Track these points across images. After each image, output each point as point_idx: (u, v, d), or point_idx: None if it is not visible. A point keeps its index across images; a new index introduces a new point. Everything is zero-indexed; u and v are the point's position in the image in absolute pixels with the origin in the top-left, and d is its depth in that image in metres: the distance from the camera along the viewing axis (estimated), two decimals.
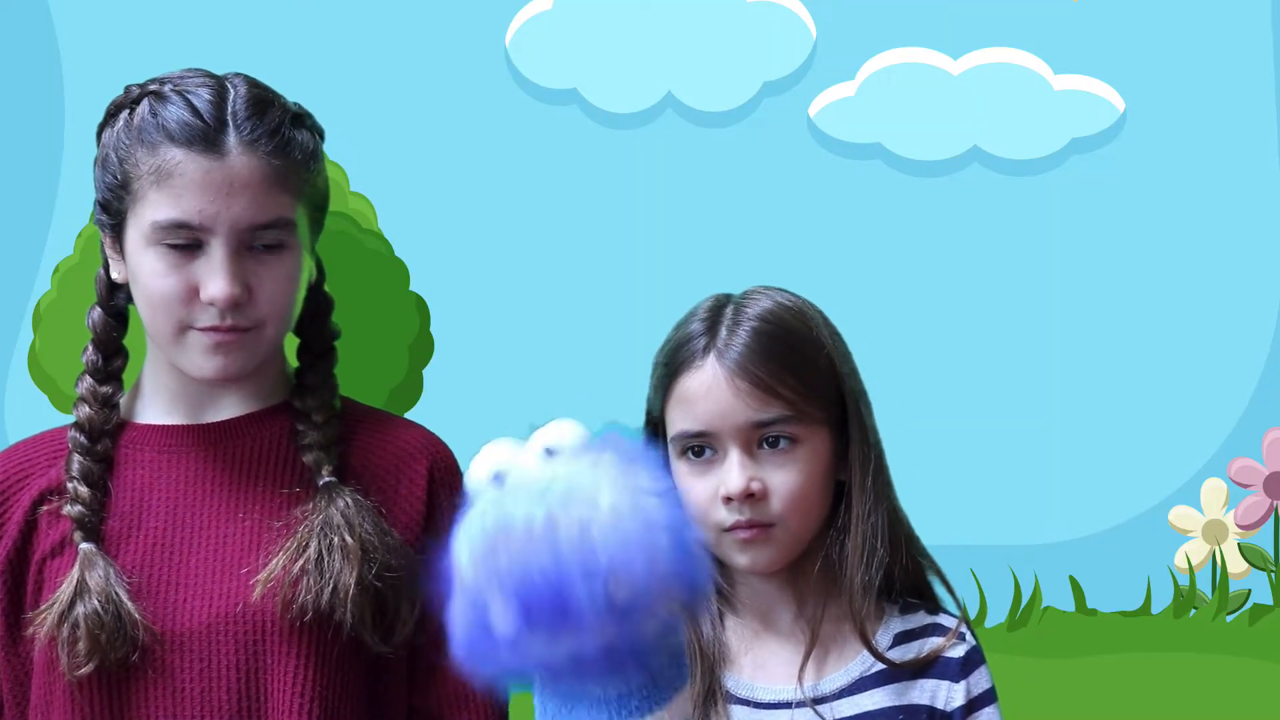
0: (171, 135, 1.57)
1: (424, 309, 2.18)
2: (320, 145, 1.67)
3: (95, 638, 1.54)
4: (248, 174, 1.57)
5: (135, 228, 1.59)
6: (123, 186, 1.59)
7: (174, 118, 1.58)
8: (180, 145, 1.57)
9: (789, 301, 1.65)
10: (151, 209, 1.57)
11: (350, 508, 1.60)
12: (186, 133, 1.57)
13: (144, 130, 1.59)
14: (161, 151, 1.57)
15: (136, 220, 1.58)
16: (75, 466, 1.62)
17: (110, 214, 1.62)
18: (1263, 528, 2.59)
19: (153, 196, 1.57)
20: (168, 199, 1.56)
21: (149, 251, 1.58)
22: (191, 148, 1.56)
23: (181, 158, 1.56)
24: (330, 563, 1.57)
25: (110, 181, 1.60)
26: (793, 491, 1.59)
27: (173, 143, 1.57)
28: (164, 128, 1.57)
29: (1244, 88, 2.60)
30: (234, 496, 1.63)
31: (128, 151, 1.59)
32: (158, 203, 1.56)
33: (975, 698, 1.63)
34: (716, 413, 1.59)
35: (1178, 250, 2.59)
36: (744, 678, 1.62)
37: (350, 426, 1.68)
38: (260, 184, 1.58)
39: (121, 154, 1.59)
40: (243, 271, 1.57)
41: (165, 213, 1.56)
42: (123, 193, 1.59)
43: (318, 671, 1.58)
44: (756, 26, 2.59)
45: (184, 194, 1.56)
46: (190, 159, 1.56)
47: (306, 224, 1.63)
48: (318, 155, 1.65)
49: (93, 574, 1.56)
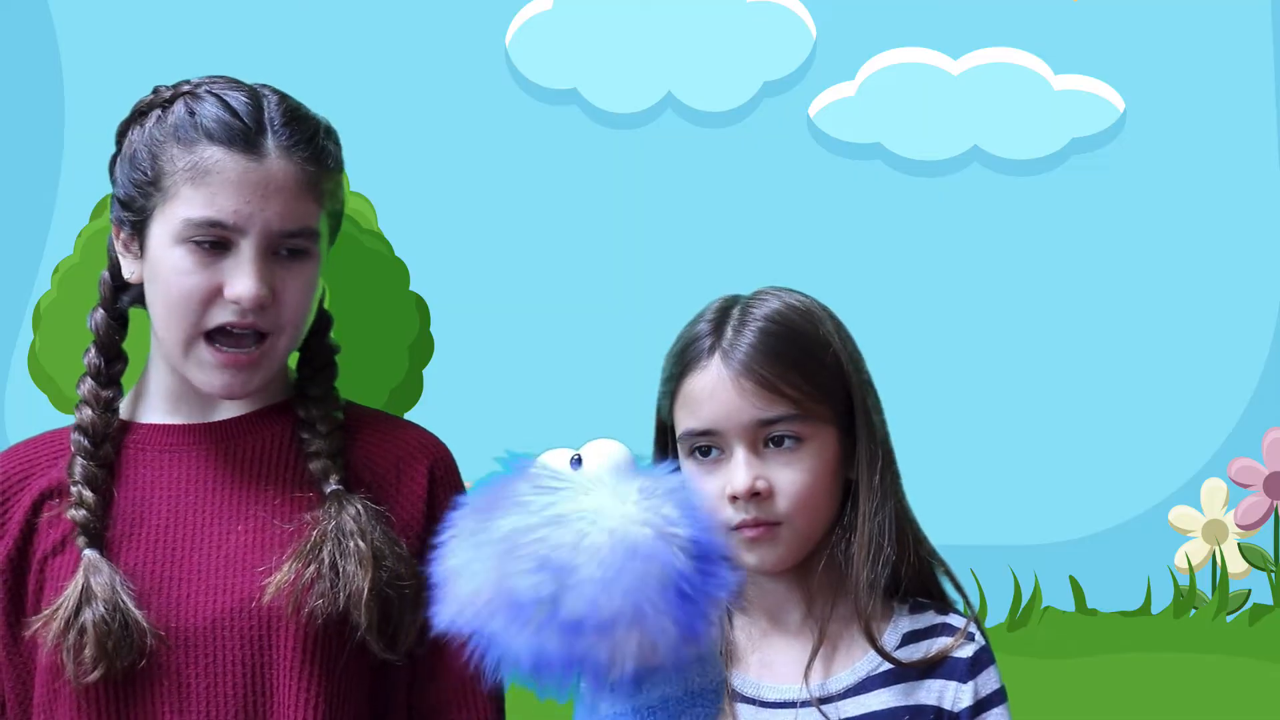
0: (210, 134, 1.58)
1: (424, 309, 2.18)
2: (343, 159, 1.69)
3: (102, 644, 1.54)
4: (283, 178, 1.59)
5: (163, 224, 1.59)
6: (152, 183, 1.59)
7: (212, 117, 1.59)
8: (219, 144, 1.58)
9: (797, 302, 1.65)
10: (185, 205, 1.57)
11: (361, 515, 1.60)
12: (226, 132, 1.58)
13: (180, 128, 1.59)
14: (199, 149, 1.58)
15: (165, 216, 1.59)
16: (78, 470, 1.63)
17: (133, 210, 1.62)
18: (1263, 528, 2.59)
19: (187, 193, 1.57)
20: (203, 196, 1.57)
21: (176, 248, 1.58)
22: (231, 147, 1.58)
23: (221, 156, 1.57)
24: (345, 568, 1.57)
25: (138, 177, 1.61)
26: (799, 490, 1.59)
27: (211, 141, 1.58)
28: (202, 126, 1.59)
29: (1244, 88, 2.60)
30: (237, 495, 1.63)
31: (161, 148, 1.60)
32: (192, 199, 1.57)
33: (983, 698, 1.63)
34: (722, 412, 1.59)
35: (1177, 250, 2.59)
36: (750, 676, 1.62)
37: (351, 429, 1.69)
38: (294, 190, 1.59)
39: (155, 150, 1.60)
40: (269, 274, 1.58)
41: (200, 209, 1.57)
42: (151, 189, 1.60)
43: (324, 668, 1.58)
44: (756, 26, 2.59)
45: (220, 192, 1.57)
46: (230, 158, 1.57)
47: (327, 235, 1.65)
48: (342, 168, 1.68)
49: (98, 579, 1.56)
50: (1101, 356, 2.59)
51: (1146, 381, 2.59)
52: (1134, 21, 2.60)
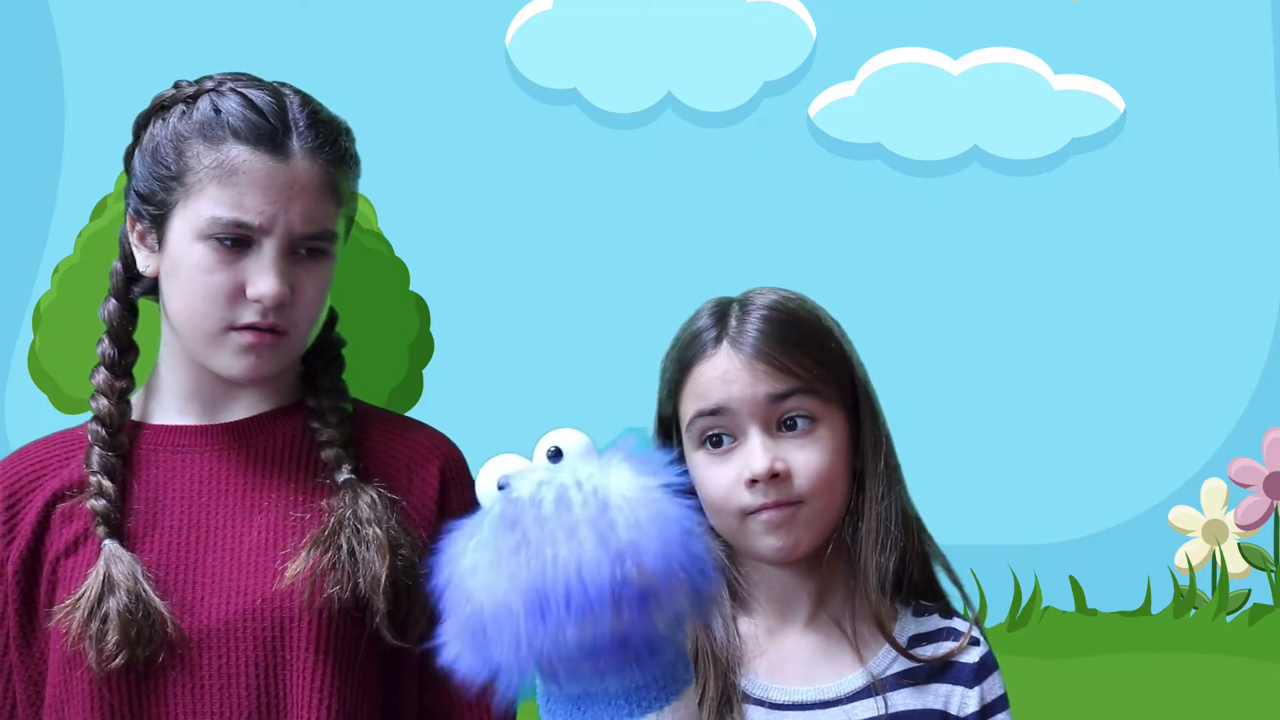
0: (237, 132, 1.59)
1: (424, 309, 2.18)
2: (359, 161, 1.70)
3: (126, 632, 1.54)
4: (307, 179, 1.60)
5: (185, 220, 1.59)
6: (175, 179, 1.60)
7: (239, 115, 1.59)
8: (246, 143, 1.58)
9: (792, 295, 1.66)
10: (210, 203, 1.58)
11: (376, 503, 1.61)
12: (253, 131, 1.59)
13: (206, 125, 1.60)
14: (225, 147, 1.58)
15: (188, 213, 1.59)
16: (96, 460, 1.63)
17: (153, 204, 1.62)
18: (1263, 528, 2.60)
19: (212, 191, 1.58)
20: (229, 195, 1.58)
21: (198, 245, 1.59)
22: (258, 146, 1.58)
23: (248, 155, 1.58)
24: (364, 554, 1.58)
25: (161, 173, 1.61)
26: (816, 470, 1.59)
27: (238, 139, 1.59)
28: (229, 124, 1.59)
29: (1244, 88, 2.60)
30: (250, 495, 1.63)
31: (186, 144, 1.60)
32: (218, 197, 1.58)
33: (988, 704, 1.63)
34: (735, 393, 1.59)
35: (1177, 250, 2.59)
36: (759, 678, 1.62)
37: (361, 427, 1.69)
38: (317, 190, 1.60)
39: (179, 145, 1.60)
40: (289, 273, 1.59)
41: (226, 209, 1.57)
42: (174, 184, 1.60)
43: (336, 667, 1.58)
44: (756, 26, 2.59)
45: (246, 191, 1.57)
46: (257, 157, 1.58)
47: (342, 235, 1.66)
48: (359, 170, 1.68)
49: (118, 568, 1.57)
50: (1101, 356, 2.59)
51: (1146, 381, 2.59)
52: (1134, 21, 2.60)
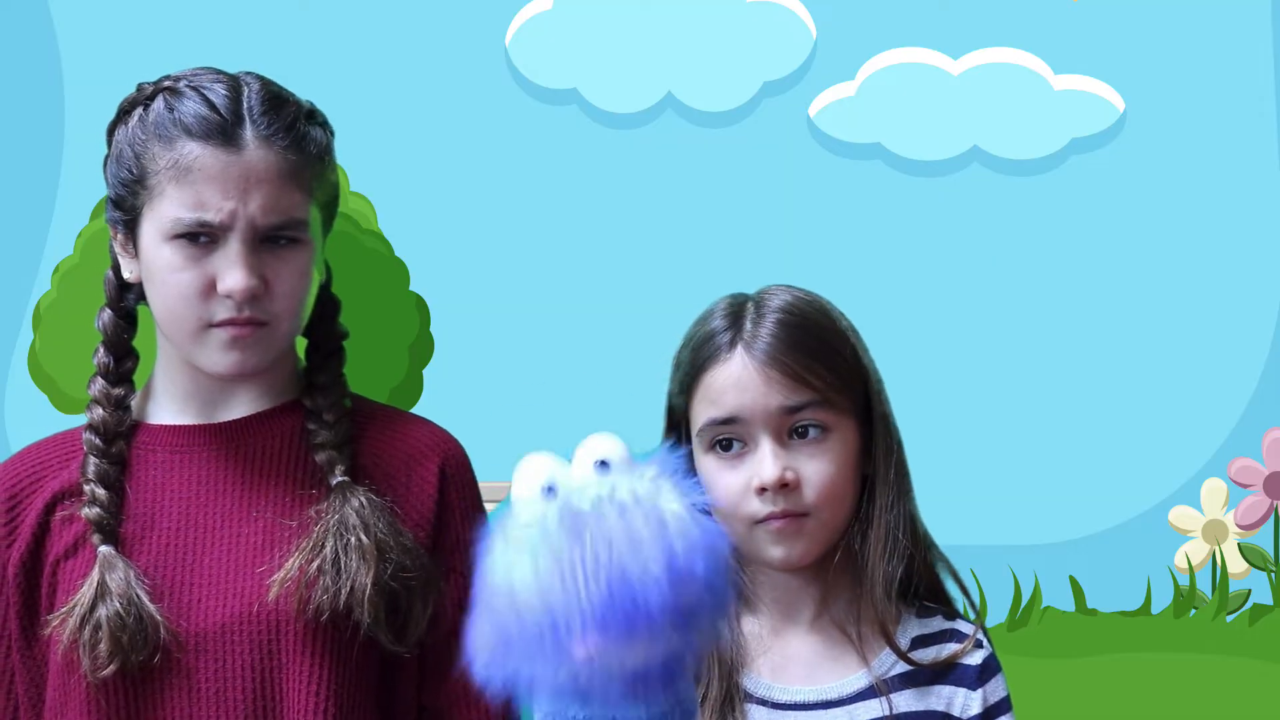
0: (189, 129, 1.58)
1: (424, 309, 2.18)
2: (331, 142, 1.67)
3: (117, 639, 1.54)
4: (264, 168, 1.58)
5: (152, 222, 1.59)
6: (138, 181, 1.59)
7: (190, 112, 1.58)
8: (197, 139, 1.57)
9: (808, 296, 1.66)
10: (170, 204, 1.57)
11: (365, 507, 1.60)
12: (203, 127, 1.57)
13: (160, 125, 1.59)
14: (179, 146, 1.57)
15: (153, 215, 1.59)
16: (91, 469, 1.63)
17: (124, 210, 1.62)
18: (1263, 528, 2.60)
19: (171, 191, 1.57)
20: (187, 194, 1.56)
21: (165, 247, 1.58)
22: (209, 142, 1.57)
23: (199, 152, 1.57)
24: (347, 563, 1.57)
25: (125, 177, 1.61)
26: (825, 481, 1.59)
27: (190, 137, 1.57)
28: (181, 122, 1.58)
29: (1244, 88, 2.60)
30: (247, 495, 1.63)
31: (144, 147, 1.59)
32: (177, 197, 1.57)
33: (991, 706, 1.63)
34: (748, 401, 1.58)
35: (1177, 250, 2.60)
36: (762, 678, 1.62)
37: (361, 424, 1.68)
38: (276, 179, 1.58)
39: (137, 149, 1.60)
40: (259, 264, 1.58)
41: (185, 208, 1.56)
42: (138, 188, 1.59)
43: (333, 671, 1.58)
44: (756, 26, 2.59)
45: (203, 188, 1.56)
46: (208, 153, 1.57)
47: (319, 220, 1.64)
48: (330, 152, 1.66)
49: (113, 576, 1.56)
50: (1101, 356, 2.59)
51: (1146, 381, 2.59)
52: (1134, 21, 2.60)
